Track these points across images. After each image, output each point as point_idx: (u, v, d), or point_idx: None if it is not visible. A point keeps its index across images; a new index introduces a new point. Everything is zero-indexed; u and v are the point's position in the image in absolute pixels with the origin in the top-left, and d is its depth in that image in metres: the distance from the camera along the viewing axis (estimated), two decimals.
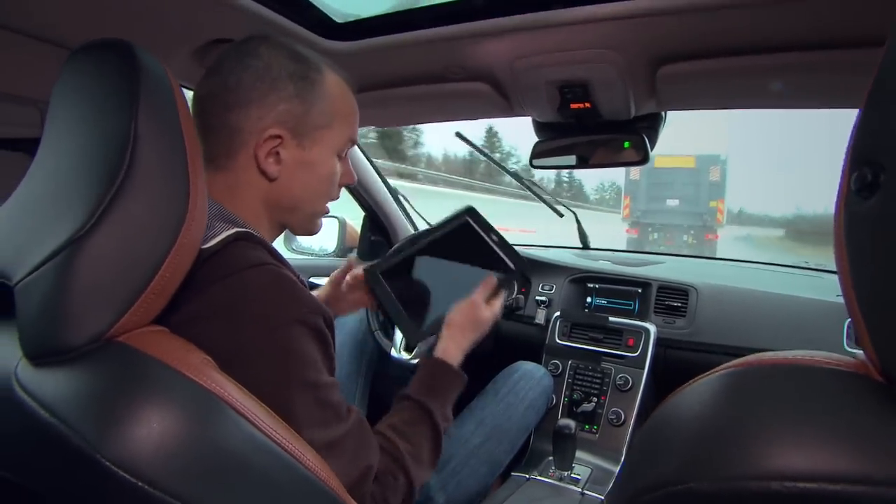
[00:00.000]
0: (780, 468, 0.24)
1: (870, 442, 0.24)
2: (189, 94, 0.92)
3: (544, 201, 1.68)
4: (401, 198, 1.71)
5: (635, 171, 11.65)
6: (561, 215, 1.69)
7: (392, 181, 1.70)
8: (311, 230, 0.70)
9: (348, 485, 0.54)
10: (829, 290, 1.29)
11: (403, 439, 0.65)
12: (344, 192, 0.76)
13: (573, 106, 0.97)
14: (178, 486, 0.35)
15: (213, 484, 0.37)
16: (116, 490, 0.34)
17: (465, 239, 0.88)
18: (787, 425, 0.26)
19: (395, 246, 1.03)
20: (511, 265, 0.84)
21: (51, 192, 0.44)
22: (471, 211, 0.90)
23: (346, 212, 1.68)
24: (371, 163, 1.58)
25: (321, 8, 0.84)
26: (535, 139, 1.13)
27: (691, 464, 0.28)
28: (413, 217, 1.74)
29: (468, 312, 0.79)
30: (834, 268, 0.28)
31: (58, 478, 0.37)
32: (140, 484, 0.34)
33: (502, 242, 0.86)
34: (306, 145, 0.62)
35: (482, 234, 0.87)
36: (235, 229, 0.56)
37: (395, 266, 0.87)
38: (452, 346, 0.77)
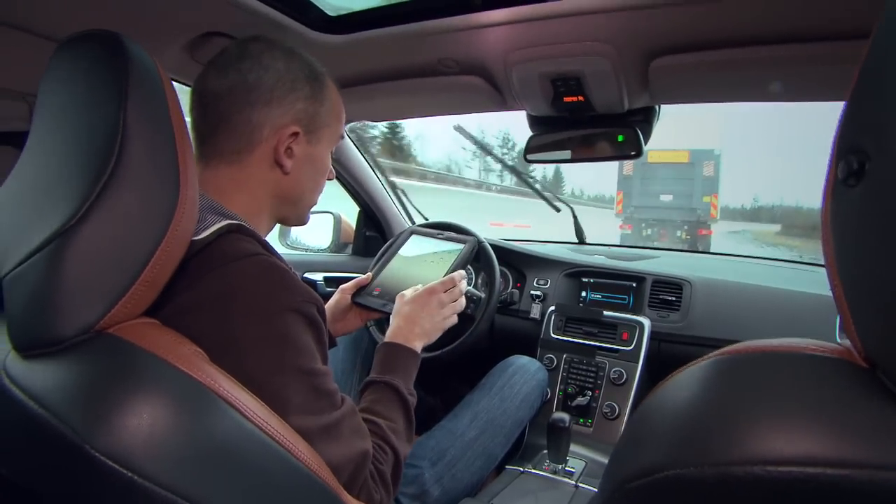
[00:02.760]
0: (763, 453, 0.24)
1: (852, 426, 0.24)
2: (180, 88, 0.92)
3: (544, 197, 1.69)
4: (399, 193, 1.71)
5: (628, 167, 11.60)
6: (558, 210, 1.69)
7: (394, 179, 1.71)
8: (304, 221, 0.74)
9: (349, 471, 0.55)
10: (822, 284, 1.29)
11: (378, 415, 0.69)
12: (340, 189, 0.79)
13: (566, 99, 0.97)
14: (168, 477, 0.35)
15: (203, 474, 0.37)
16: (106, 481, 0.34)
17: (421, 246, 1.09)
18: (770, 410, 0.26)
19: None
20: (460, 247, 1.04)
21: (40, 184, 0.44)
22: (415, 227, 1.14)
23: (343, 208, 1.67)
24: (366, 158, 1.57)
25: (314, 1, 0.84)
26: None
27: (676, 450, 0.28)
28: (411, 212, 1.74)
29: (412, 297, 0.86)
30: None
31: (48, 470, 0.37)
32: (129, 474, 0.34)
33: (449, 237, 1.08)
34: (314, 141, 0.67)
35: (430, 238, 1.10)
36: (227, 221, 0.56)
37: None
38: (394, 330, 0.82)
